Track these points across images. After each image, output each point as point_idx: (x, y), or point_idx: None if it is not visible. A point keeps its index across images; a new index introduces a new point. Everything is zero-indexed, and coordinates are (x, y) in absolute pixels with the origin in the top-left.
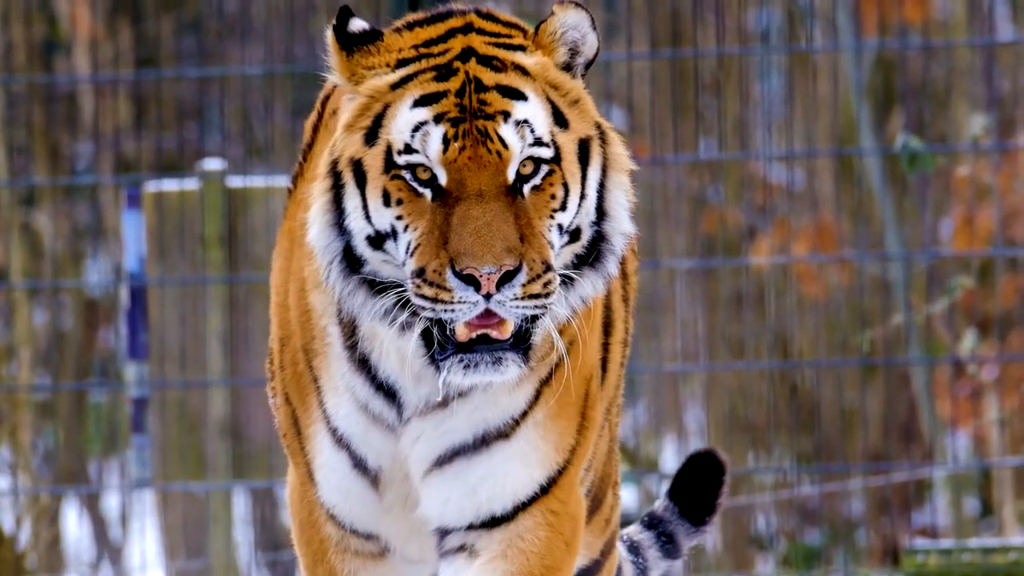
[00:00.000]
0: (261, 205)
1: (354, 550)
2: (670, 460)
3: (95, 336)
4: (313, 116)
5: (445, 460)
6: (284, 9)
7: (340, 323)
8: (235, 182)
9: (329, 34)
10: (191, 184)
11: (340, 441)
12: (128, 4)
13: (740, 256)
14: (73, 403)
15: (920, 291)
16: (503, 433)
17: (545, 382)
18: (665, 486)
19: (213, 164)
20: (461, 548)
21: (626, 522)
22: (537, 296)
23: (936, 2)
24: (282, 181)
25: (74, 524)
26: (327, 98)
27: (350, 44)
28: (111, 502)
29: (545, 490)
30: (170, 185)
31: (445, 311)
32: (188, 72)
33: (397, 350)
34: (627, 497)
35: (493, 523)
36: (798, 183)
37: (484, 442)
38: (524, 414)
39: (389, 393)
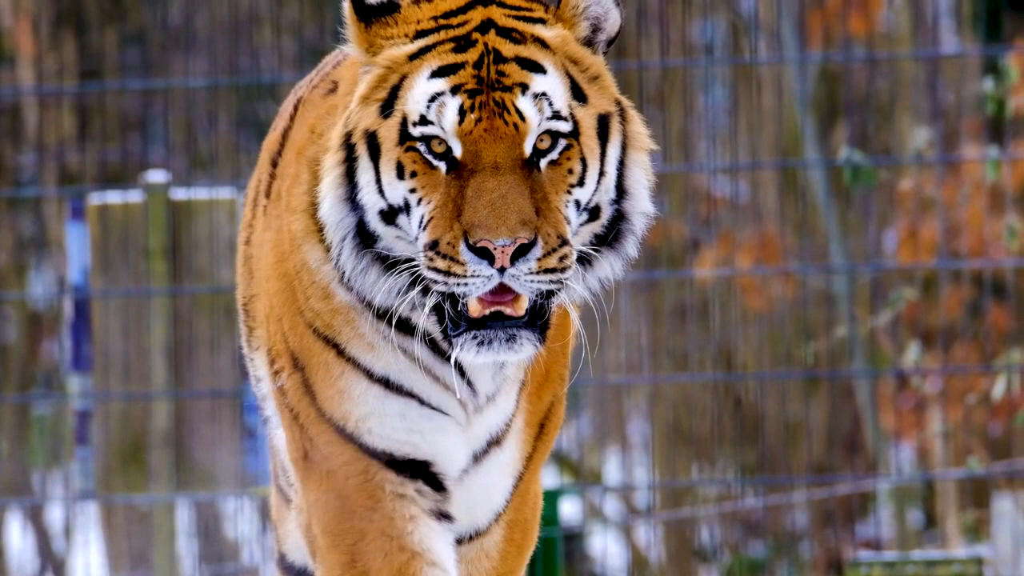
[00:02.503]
0: (205, 217)
1: (411, 496)
2: (614, 472)
3: (39, 348)
4: (292, 99)
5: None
6: (228, 21)
7: (342, 275)
8: (179, 194)
9: (346, 4)
10: (135, 196)
11: (391, 386)
12: (72, 16)
13: (684, 268)
14: (17, 415)
15: (864, 303)
16: (496, 440)
17: (522, 387)
18: (609, 498)
19: (157, 176)
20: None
21: (570, 536)
22: (553, 271)
23: (881, 15)
24: (226, 193)
25: (17, 536)
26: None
27: (368, 15)
28: (55, 514)
29: (507, 501)
30: (114, 197)
31: (458, 284)
32: (132, 84)
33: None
34: (571, 509)
35: (468, 539)
36: (742, 195)
37: (485, 451)
38: (511, 420)
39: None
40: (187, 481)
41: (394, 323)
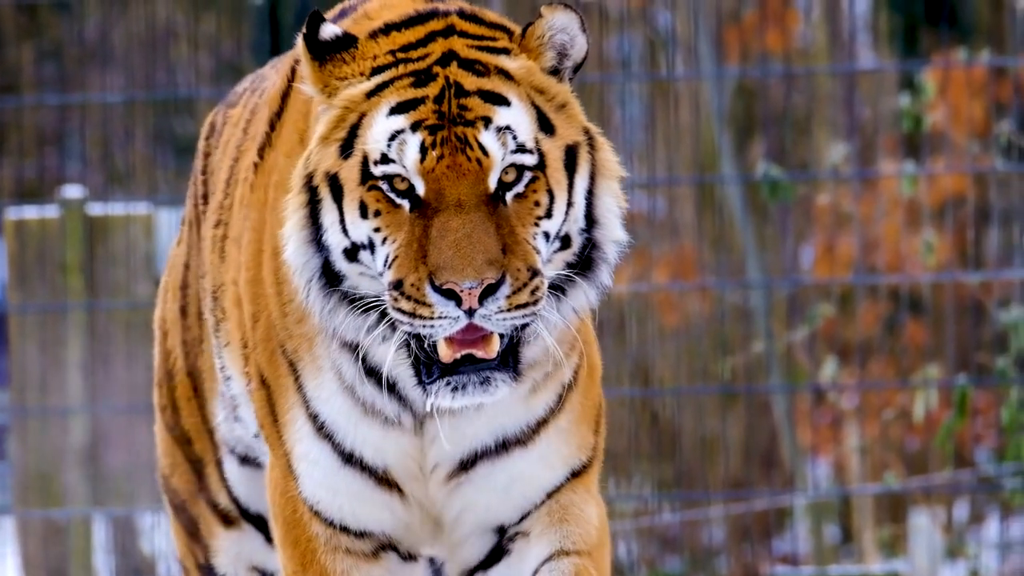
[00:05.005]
0: (121, 232)
1: (345, 548)
2: None
3: None
4: (282, 83)
5: (469, 464)
6: (144, 36)
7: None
8: (95, 209)
9: (300, 42)
10: (51, 211)
11: (321, 430)
12: None
13: None
14: None
15: (781, 319)
16: (521, 440)
17: (568, 387)
18: None
19: (73, 191)
20: (518, 534)
21: None
22: (524, 305)
23: (797, 30)
24: (142, 208)
25: None
26: (297, 62)
27: (322, 52)
28: None
29: (576, 474)
30: (30, 212)
31: (424, 326)
32: (48, 99)
33: (386, 350)
34: None
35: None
36: (659, 211)
37: (504, 447)
38: (545, 420)
39: (379, 379)
40: (103, 496)
41: (361, 361)
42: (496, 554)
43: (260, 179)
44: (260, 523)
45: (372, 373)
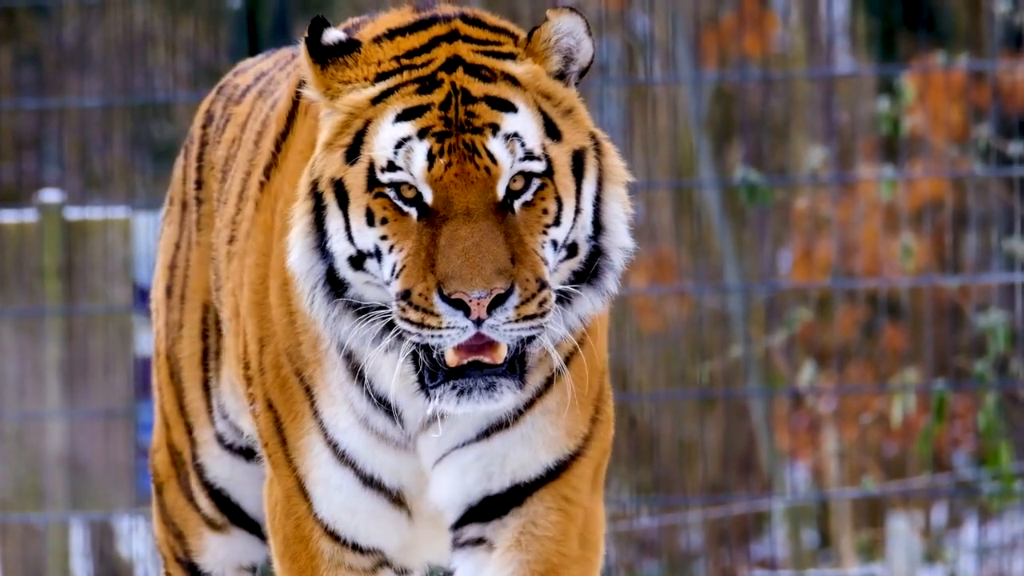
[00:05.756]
0: (99, 237)
1: (348, 565)
2: None
3: None
4: (287, 104)
5: (451, 450)
6: (122, 41)
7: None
8: (73, 214)
9: (302, 47)
10: (29, 216)
11: (343, 457)
12: None
13: None
14: None
15: (759, 323)
16: (504, 423)
17: (558, 371)
18: None
19: (51, 196)
20: (479, 541)
21: None
22: (532, 316)
23: (775, 35)
24: (120, 212)
25: None
26: (301, 83)
27: (324, 57)
28: None
29: (553, 474)
30: (8, 216)
31: (432, 336)
32: (26, 103)
33: (389, 363)
34: None
35: (503, 509)
36: (637, 215)
37: (486, 433)
38: (531, 403)
39: (388, 408)
40: (81, 501)
41: (366, 373)
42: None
43: (266, 201)
44: (249, 523)
45: (381, 402)
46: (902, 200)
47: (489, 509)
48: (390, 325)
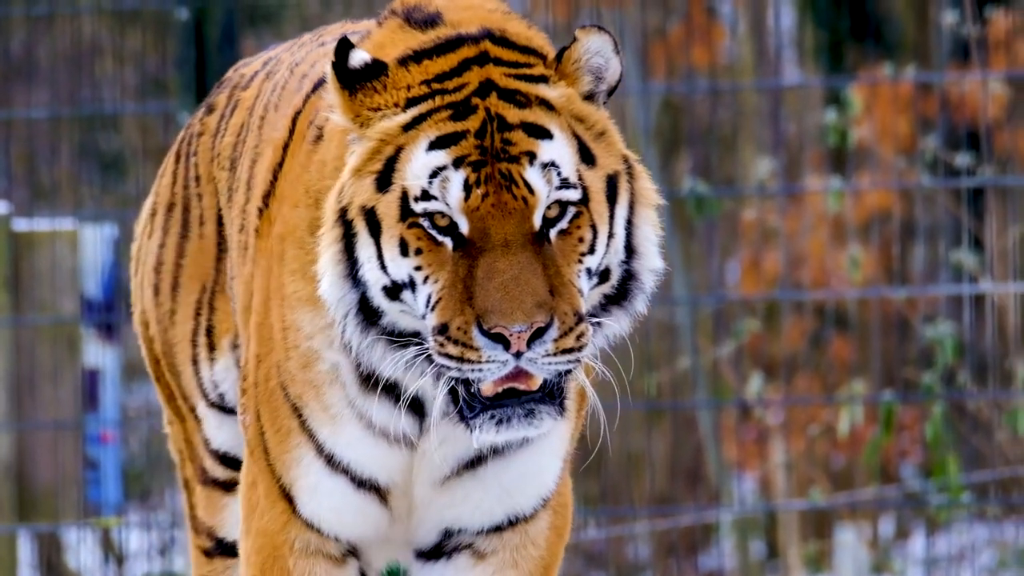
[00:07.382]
0: (47, 248)
1: (323, 553)
2: None
3: None
4: (283, 135)
5: (477, 462)
6: (69, 52)
7: (348, 350)
8: (20, 225)
9: (328, 71)
10: None
11: (337, 466)
12: None
13: None
14: None
15: (706, 334)
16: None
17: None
18: None
19: None
20: (467, 547)
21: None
22: (570, 350)
23: (723, 46)
24: (68, 224)
25: None
26: (298, 113)
27: (352, 81)
28: None
29: (556, 484)
30: None
31: (472, 371)
32: None
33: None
34: None
35: (509, 525)
36: None
37: (508, 444)
38: None
39: (418, 409)
40: (28, 512)
41: (380, 390)
42: (436, 551)
43: (265, 227)
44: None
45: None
46: (849, 211)
47: (489, 522)
48: (428, 357)
